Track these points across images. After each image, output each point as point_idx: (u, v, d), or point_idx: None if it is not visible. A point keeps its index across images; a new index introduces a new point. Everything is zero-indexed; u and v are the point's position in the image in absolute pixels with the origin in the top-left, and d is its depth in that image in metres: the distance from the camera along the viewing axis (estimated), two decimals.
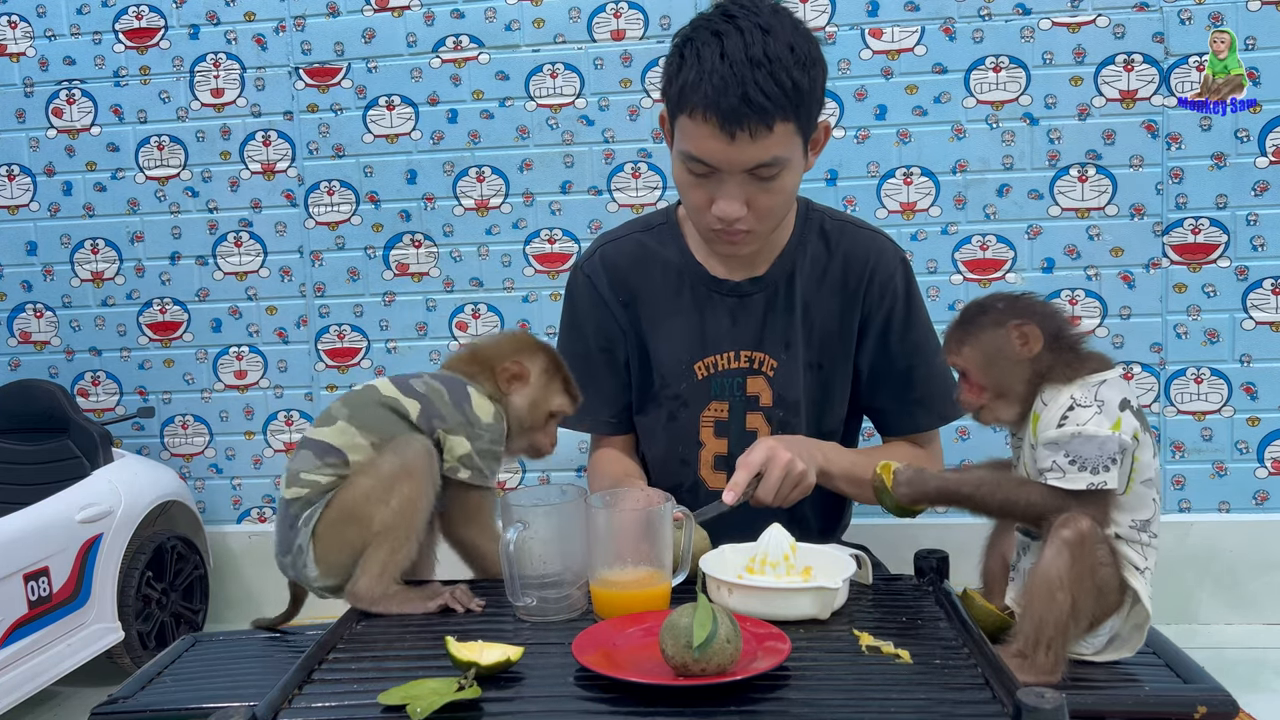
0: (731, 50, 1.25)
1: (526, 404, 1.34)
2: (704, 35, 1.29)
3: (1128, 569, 1.06)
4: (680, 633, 0.92)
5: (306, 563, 1.22)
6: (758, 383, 1.50)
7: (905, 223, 2.60)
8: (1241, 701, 1.04)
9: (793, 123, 1.30)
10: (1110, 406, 1.06)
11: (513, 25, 2.67)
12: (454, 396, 1.26)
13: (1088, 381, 1.08)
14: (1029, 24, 2.52)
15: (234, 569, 2.89)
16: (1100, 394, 1.07)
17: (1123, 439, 1.04)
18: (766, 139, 1.27)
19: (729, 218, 1.33)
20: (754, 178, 1.32)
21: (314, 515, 1.21)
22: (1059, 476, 1.05)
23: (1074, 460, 1.04)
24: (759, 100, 1.25)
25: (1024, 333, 1.10)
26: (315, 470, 1.22)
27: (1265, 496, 2.58)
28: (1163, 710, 1.00)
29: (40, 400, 2.61)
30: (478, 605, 1.17)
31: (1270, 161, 2.49)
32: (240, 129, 2.80)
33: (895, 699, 0.91)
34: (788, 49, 1.27)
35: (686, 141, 1.32)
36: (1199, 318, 2.55)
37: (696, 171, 1.33)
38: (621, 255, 1.54)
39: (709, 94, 1.25)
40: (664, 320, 1.52)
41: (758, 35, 1.26)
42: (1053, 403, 1.08)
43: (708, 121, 1.27)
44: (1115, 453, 1.04)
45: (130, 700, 1.12)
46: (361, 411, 1.23)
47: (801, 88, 1.28)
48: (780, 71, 1.25)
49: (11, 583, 2.19)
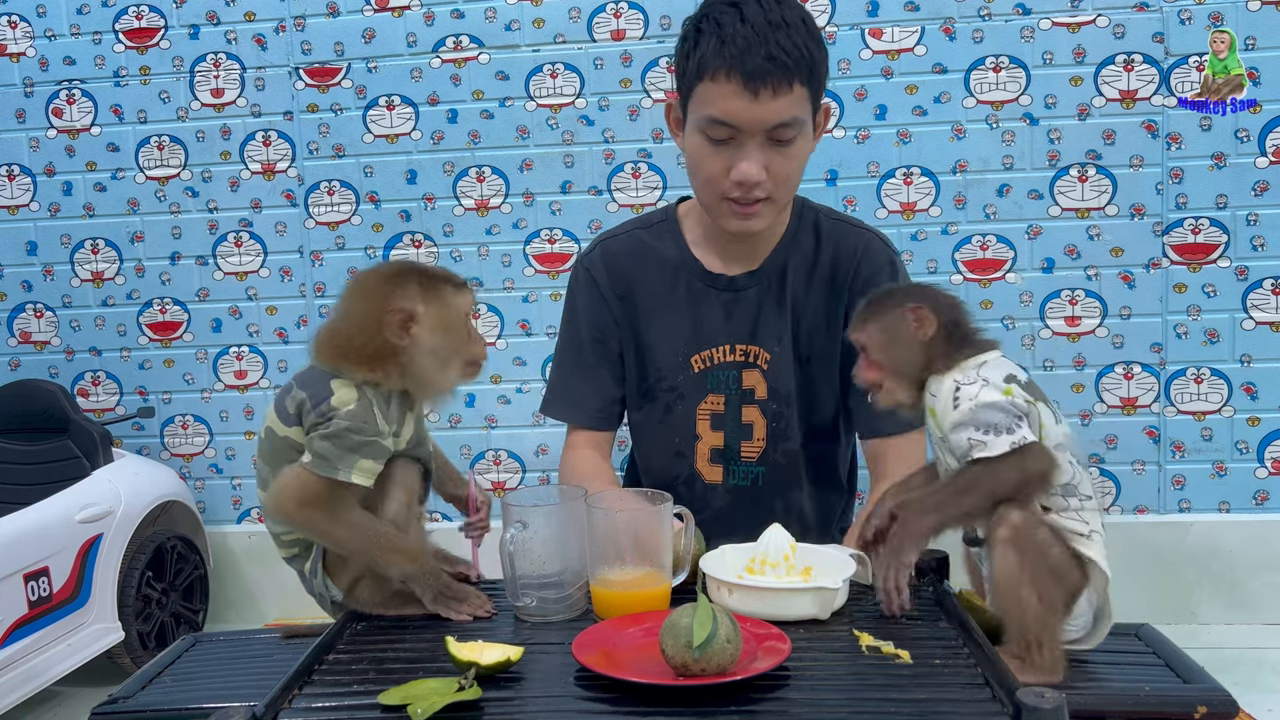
0: (752, 15, 1.32)
1: (439, 330, 1.16)
2: (720, 7, 1.36)
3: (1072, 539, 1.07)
4: (680, 633, 0.92)
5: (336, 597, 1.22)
6: (753, 376, 1.51)
7: (905, 223, 2.60)
8: (1241, 701, 1.04)
9: (807, 88, 1.35)
10: (995, 381, 1.09)
11: (513, 25, 2.67)
12: (314, 399, 1.15)
13: (966, 366, 1.12)
14: (1029, 24, 2.52)
15: (234, 569, 2.89)
16: (982, 373, 1.11)
17: (1019, 402, 1.08)
18: (788, 97, 1.32)
19: (750, 179, 1.36)
20: (772, 141, 1.35)
21: (317, 564, 1.20)
22: (982, 449, 1.07)
23: (984, 429, 1.07)
24: (781, 58, 1.31)
25: (919, 316, 1.14)
26: (289, 533, 1.21)
27: (1265, 496, 2.58)
28: (1163, 710, 1.00)
29: (40, 400, 2.61)
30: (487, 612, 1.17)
31: (1270, 161, 2.49)
32: (240, 129, 2.80)
33: (895, 699, 0.91)
34: (800, 20, 1.35)
35: (708, 106, 1.35)
36: (1199, 318, 2.55)
37: (717, 136, 1.36)
38: (621, 250, 1.57)
39: (733, 54, 1.31)
40: (660, 314, 1.53)
41: (774, 5, 1.34)
42: (940, 392, 1.12)
43: (730, 80, 1.32)
44: (1020, 411, 1.07)
45: (130, 700, 1.12)
46: (277, 462, 1.16)
47: (815, 56, 1.35)
48: (797, 36, 1.33)
49: (11, 583, 2.19)
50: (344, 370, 1.16)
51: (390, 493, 1.17)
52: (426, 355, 1.16)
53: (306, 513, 1.13)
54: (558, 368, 1.61)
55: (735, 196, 1.38)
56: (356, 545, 1.14)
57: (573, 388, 1.58)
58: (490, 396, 2.79)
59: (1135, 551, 2.60)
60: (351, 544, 1.15)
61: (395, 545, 1.15)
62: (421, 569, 1.16)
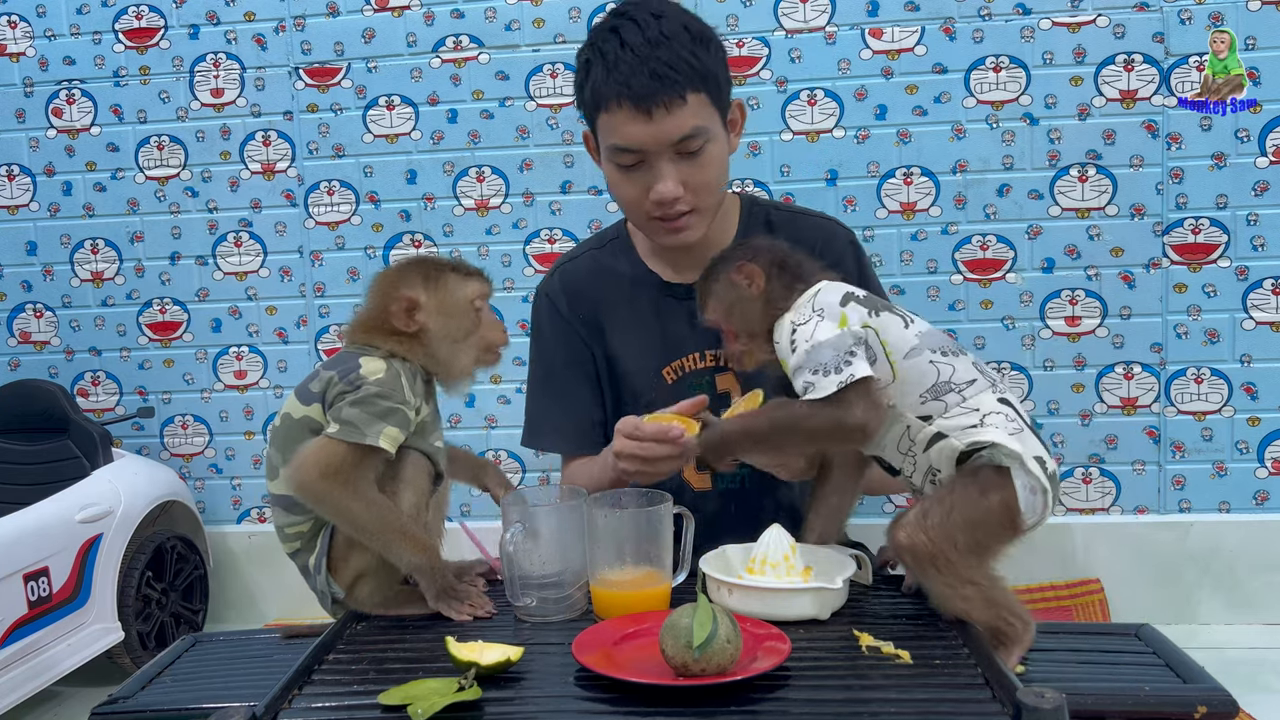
0: (631, 38, 1.33)
1: (442, 318, 1.22)
2: (603, 35, 1.37)
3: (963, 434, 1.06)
4: (680, 633, 0.92)
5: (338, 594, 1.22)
6: (727, 379, 1.51)
7: (905, 223, 2.60)
8: (1241, 701, 1.04)
9: (703, 93, 1.35)
10: (831, 309, 1.09)
11: (513, 25, 2.67)
12: (343, 373, 1.17)
13: (800, 303, 1.12)
14: (1029, 24, 2.52)
15: (234, 569, 2.88)
16: (816, 303, 1.11)
17: (855, 331, 1.07)
18: (682, 110, 1.33)
19: (668, 197, 1.37)
20: (681, 155, 1.36)
21: (321, 560, 1.20)
22: (812, 389, 1.07)
23: (816, 370, 1.07)
24: (667, 74, 1.31)
25: (746, 272, 1.15)
26: (294, 524, 1.21)
27: (1265, 496, 2.58)
28: (1163, 710, 1.00)
29: (40, 400, 2.61)
30: (488, 612, 1.17)
31: (1270, 161, 2.49)
32: (240, 129, 2.80)
33: (895, 699, 0.91)
34: (682, 29, 1.35)
35: (610, 136, 1.37)
36: (1199, 318, 2.55)
37: (626, 163, 1.38)
38: (578, 273, 1.57)
39: (620, 81, 1.32)
40: (626, 331, 1.53)
41: (651, 21, 1.34)
42: (781, 339, 1.13)
43: (623, 106, 1.33)
44: (852, 345, 1.06)
45: (130, 700, 1.12)
46: (289, 448, 1.17)
47: (703, 61, 1.35)
48: (679, 48, 1.33)
49: (11, 583, 2.19)
50: (374, 343, 1.21)
51: (400, 492, 1.18)
52: (438, 340, 1.22)
53: (327, 485, 1.13)
54: (533, 398, 1.59)
55: (659, 215, 1.39)
56: (372, 524, 1.15)
57: (554, 415, 1.56)
58: (490, 396, 2.79)
59: (1135, 551, 2.60)
60: (367, 522, 1.15)
61: (408, 531, 1.15)
62: (430, 562, 1.16)
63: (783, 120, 2.61)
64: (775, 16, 2.58)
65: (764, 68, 2.60)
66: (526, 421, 1.60)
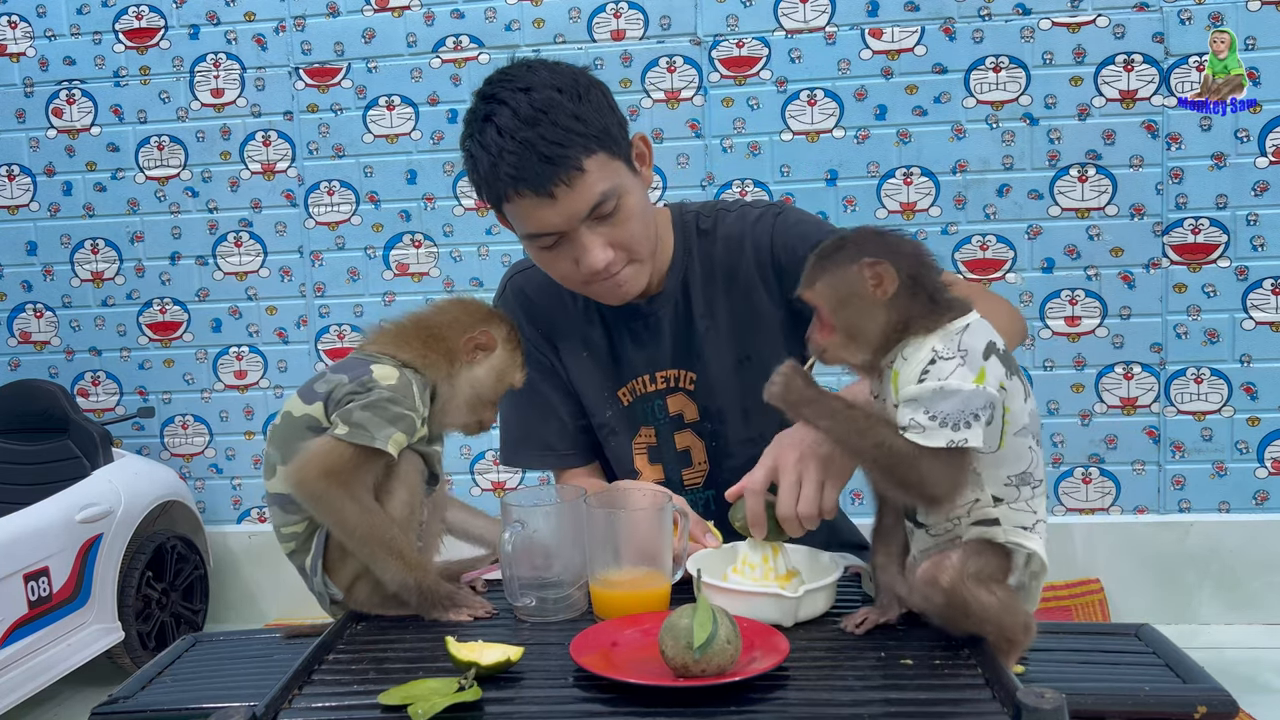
0: (505, 123, 1.26)
1: (492, 375, 1.25)
2: (478, 125, 1.30)
3: (1014, 533, 1.02)
4: (680, 633, 0.92)
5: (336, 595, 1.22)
6: (678, 400, 1.46)
7: (905, 223, 2.60)
8: (1241, 701, 1.04)
9: (599, 153, 1.27)
10: (974, 356, 0.99)
11: (513, 25, 2.67)
12: (354, 377, 1.18)
13: (950, 330, 1.00)
14: (1029, 24, 2.52)
15: (234, 569, 2.88)
16: (964, 342, 0.99)
17: (989, 393, 0.98)
18: (583, 180, 1.26)
19: (598, 267, 1.31)
20: (598, 220, 1.30)
21: (317, 561, 1.20)
22: (919, 432, 0.98)
23: (934, 416, 0.98)
24: (554, 152, 1.24)
25: (877, 272, 1.01)
26: (291, 524, 1.21)
27: (1265, 496, 2.58)
28: (1163, 710, 1.00)
29: (40, 400, 2.61)
30: (486, 612, 1.17)
31: (1270, 161, 2.49)
32: (240, 129, 2.80)
33: (895, 699, 0.91)
34: (554, 92, 1.27)
35: (521, 223, 1.32)
36: (1199, 318, 2.55)
37: (547, 245, 1.32)
38: (531, 287, 1.50)
39: (510, 173, 1.26)
40: (579, 352, 1.48)
41: (521, 97, 1.26)
42: (913, 357, 1.01)
43: (524, 196, 1.27)
44: (980, 408, 0.97)
45: (130, 700, 1.12)
46: (288, 446, 1.18)
47: (587, 120, 1.27)
48: (559, 117, 1.25)
49: (11, 583, 2.19)
50: (397, 351, 1.21)
51: (394, 489, 1.18)
52: (466, 384, 1.24)
53: (326, 485, 1.13)
54: (509, 413, 1.51)
55: (595, 283, 1.34)
56: (364, 531, 1.14)
57: (533, 427, 1.50)
58: None
59: (1135, 551, 2.60)
60: (357, 528, 1.14)
61: (397, 546, 1.15)
62: (417, 582, 1.15)
63: (783, 120, 2.61)
64: (775, 16, 2.58)
65: (764, 68, 2.60)
66: (503, 439, 1.53)
